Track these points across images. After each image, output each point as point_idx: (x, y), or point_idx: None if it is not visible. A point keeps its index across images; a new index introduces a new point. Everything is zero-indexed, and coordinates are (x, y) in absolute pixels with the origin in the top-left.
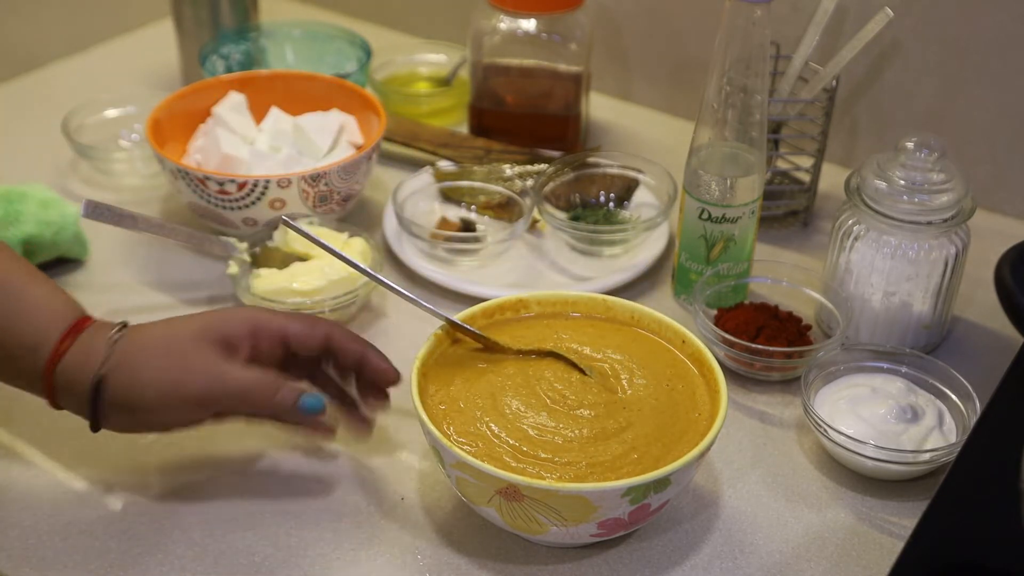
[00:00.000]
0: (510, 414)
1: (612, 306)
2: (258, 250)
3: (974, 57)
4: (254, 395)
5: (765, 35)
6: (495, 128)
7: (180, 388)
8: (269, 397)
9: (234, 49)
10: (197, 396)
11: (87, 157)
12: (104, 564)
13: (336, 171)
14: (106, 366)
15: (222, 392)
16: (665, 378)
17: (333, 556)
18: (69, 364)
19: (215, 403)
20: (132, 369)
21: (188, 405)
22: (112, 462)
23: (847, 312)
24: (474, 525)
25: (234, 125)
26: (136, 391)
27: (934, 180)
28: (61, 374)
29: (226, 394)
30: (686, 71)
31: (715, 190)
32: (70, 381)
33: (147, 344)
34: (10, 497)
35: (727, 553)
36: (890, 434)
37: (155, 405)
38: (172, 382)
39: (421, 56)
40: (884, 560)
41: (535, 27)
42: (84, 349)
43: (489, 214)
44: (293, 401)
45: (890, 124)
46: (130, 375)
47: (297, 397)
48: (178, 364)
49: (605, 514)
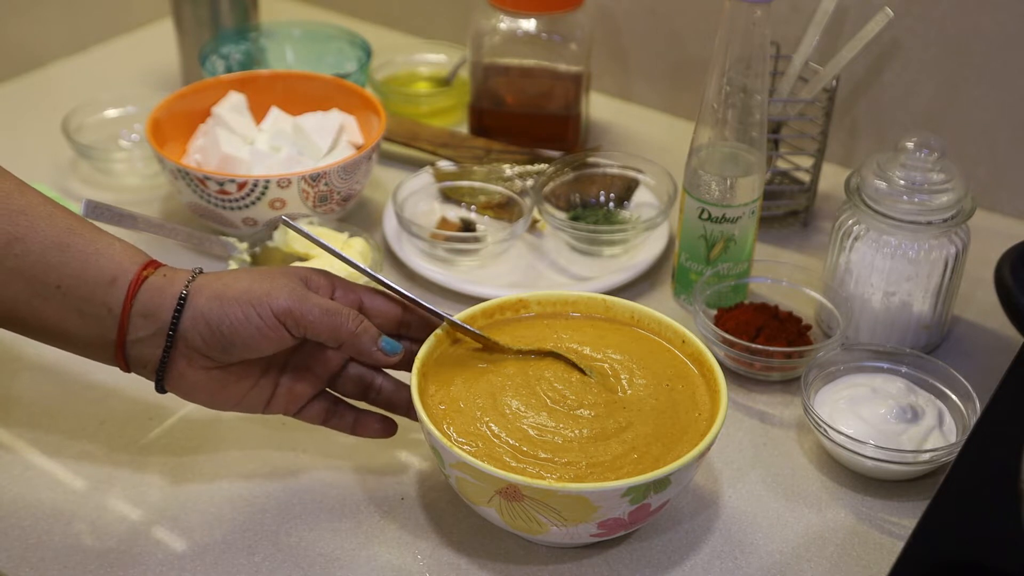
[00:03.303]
0: (510, 414)
1: (612, 306)
2: (258, 250)
3: (974, 57)
4: (339, 320)
5: (765, 35)
6: (495, 128)
7: (268, 299)
8: (354, 326)
9: (234, 49)
10: (284, 308)
11: (87, 157)
12: (104, 564)
13: (336, 171)
14: (192, 285)
15: (307, 309)
16: (665, 378)
17: (333, 556)
18: (152, 287)
19: (300, 319)
20: (219, 285)
21: (274, 320)
22: (112, 462)
23: (847, 312)
24: (474, 525)
25: (234, 125)
26: (222, 305)
27: (934, 180)
28: (139, 304)
29: (311, 311)
30: (686, 71)
31: (715, 190)
32: (148, 311)
33: (231, 273)
34: (10, 497)
35: (727, 553)
36: (890, 434)
37: (240, 318)
38: (261, 292)
39: (421, 56)
40: (884, 560)
41: (535, 27)
42: (164, 275)
43: (489, 214)
44: (376, 335)
45: (890, 124)
46: (217, 291)
47: (379, 335)
48: (267, 279)
49: (605, 514)
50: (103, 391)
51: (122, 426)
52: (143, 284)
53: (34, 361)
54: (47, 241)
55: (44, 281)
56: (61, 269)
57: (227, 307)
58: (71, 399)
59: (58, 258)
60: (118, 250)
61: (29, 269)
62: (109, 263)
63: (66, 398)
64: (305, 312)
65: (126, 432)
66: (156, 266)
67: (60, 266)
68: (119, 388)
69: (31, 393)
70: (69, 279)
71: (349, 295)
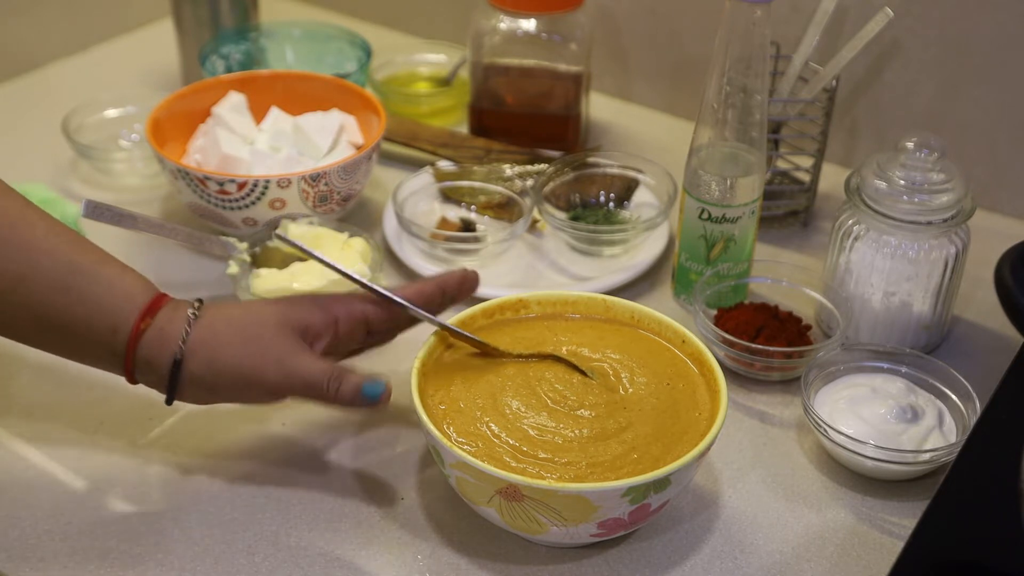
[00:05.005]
0: (510, 414)
1: (612, 306)
2: (258, 250)
3: (974, 57)
4: (319, 392)
5: (765, 35)
6: (495, 128)
7: (255, 376)
8: (333, 391)
9: (234, 49)
10: (270, 386)
11: (87, 157)
12: (104, 564)
13: (336, 171)
14: (184, 347)
15: (290, 387)
16: (666, 378)
17: (333, 556)
18: (147, 344)
19: (286, 394)
20: (210, 351)
21: (261, 392)
22: (112, 462)
23: (847, 312)
24: (474, 525)
25: (234, 125)
26: (213, 374)
27: (934, 180)
28: (140, 354)
29: (294, 388)
30: (686, 71)
31: (715, 190)
32: (149, 361)
33: (225, 327)
34: (10, 497)
35: (727, 553)
36: (890, 434)
37: (230, 387)
38: (249, 368)
39: (421, 56)
40: (884, 560)
41: (535, 27)
42: (162, 329)
43: (489, 214)
44: (355, 390)
45: (890, 124)
46: (208, 357)
47: (357, 390)
48: (256, 351)
49: (605, 514)
50: (103, 391)
51: (122, 426)
52: (141, 339)
53: (34, 361)
54: (50, 282)
55: (51, 321)
56: (65, 312)
57: (219, 378)
58: (71, 399)
59: (62, 300)
60: (118, 293)
61: (36, 307)
62: (110, 310)
63: (66, 398)
64: (290, 388)
65: (126, 432)
66: (154, 311)
67: (64, 309)
68: (119, 388)
69: (31, 393)
70: (73, 323)
71: (354, 317)
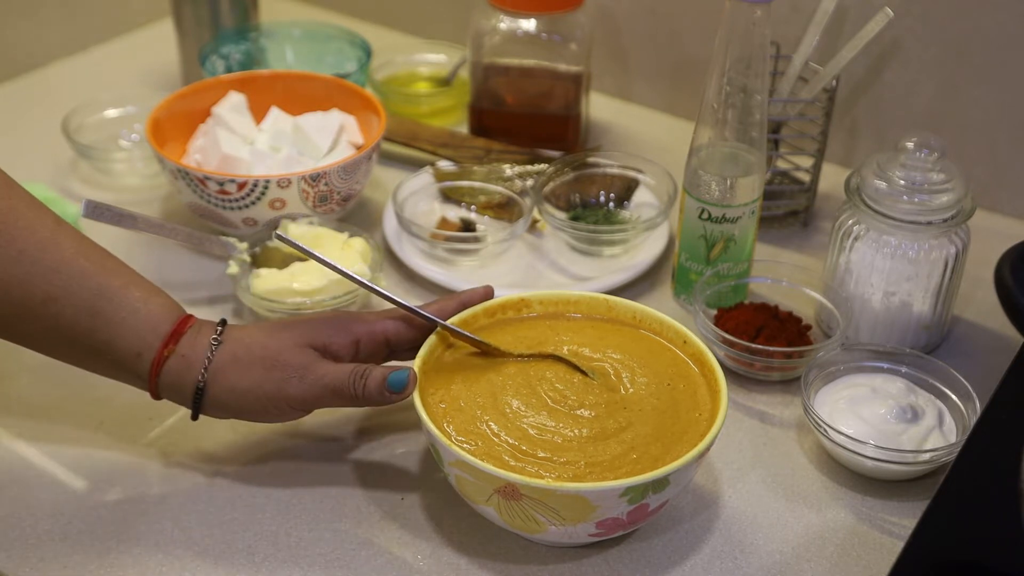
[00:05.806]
0: (510, 413)
1: (614, 306)
2: (258, 250)
3: (974, 57)
4: (346, 392)
5: (765, 35)
6: (495, 128)
7: (279, 394)
8: (360, 390)
9: (234, 49)
10: (294, 401)
11: (87, 157)
12: (104, 564)
13: (336, 171)
14: (207, 375)
15: (315, 397)
16: (667, 378)
17: (333, 556)
18: (170, 371)
19: (312, 405)
20: (232, 377)
21: (286, 409)
22: (112, 462)
23: (847, 312)
24: (474, 525)
25: (234, 125)
26: (236, 397)
27: (934, 180)
28: (164, 380)
29: (320, 397)
30: (686, 71)
31: (715, 190)
32: (173, 385)
33: (246, 353)
34: (10, 497)
35: (727, 553)
36: (890, 434)
37: (254, 410)
38: (272, 390)
39: (421, 56)
40: (884, 560)
41: (535, 27)
42: (184, 356)
43: (489, 214)
44: (380, 384)
45: (890, 124)
46: (230, 383)
47: (383, 382)
48: (277, 376)
49: (604, 514)
50: (103, 391)
51: (122, 426)
52: (164, 365)
53: (34, 361)
54: (79, 305)
55: (80, 342)
56: (92, 335)
57: (242, 401)
58: (71, 399)
59: (88, 324)
60: (142, 318)
61: (65, 329)
62: (134, 335)
63: (66, 398)
64: (315, 398)
65: (126, 432)
66: (177, 337)
67: (91, 332)
68: (119, 388)
69: (31, 393)
70: (99, 345)
71: (375, 338)
